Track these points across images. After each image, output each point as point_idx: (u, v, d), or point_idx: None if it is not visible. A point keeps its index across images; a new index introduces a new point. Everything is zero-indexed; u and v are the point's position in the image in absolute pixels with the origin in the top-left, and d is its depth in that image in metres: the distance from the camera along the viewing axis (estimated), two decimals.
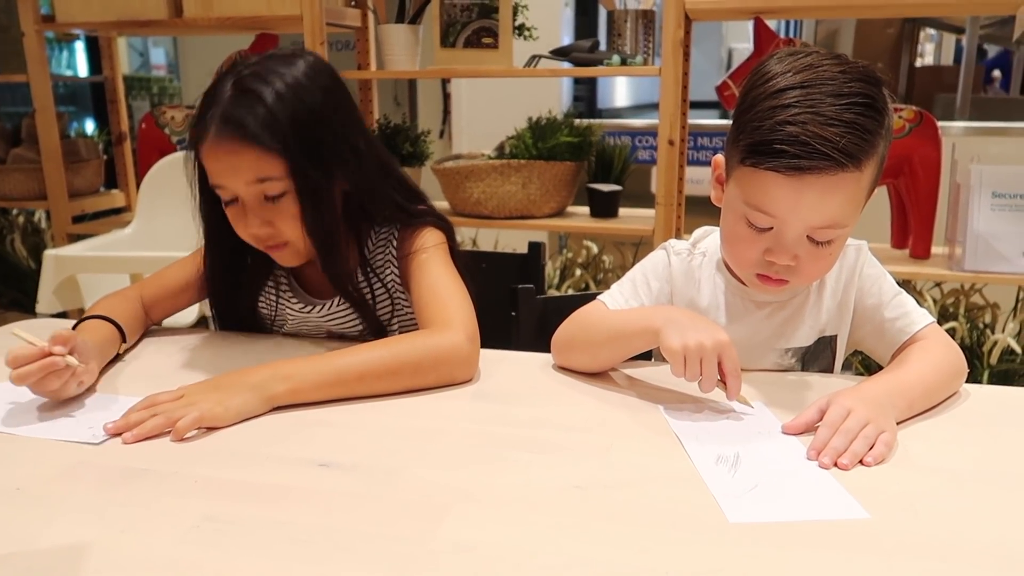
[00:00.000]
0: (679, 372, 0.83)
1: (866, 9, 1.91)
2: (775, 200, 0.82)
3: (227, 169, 0.94)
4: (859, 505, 0.65)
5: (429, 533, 0.62)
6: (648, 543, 0.60)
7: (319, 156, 0.95)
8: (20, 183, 2.52)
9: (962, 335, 1.85)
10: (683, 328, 0.83)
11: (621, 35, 1.95)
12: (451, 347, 0.93)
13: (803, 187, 0.80)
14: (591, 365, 0.96)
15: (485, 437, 0.79)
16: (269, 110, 0.92)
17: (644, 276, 1.00)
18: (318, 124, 0.95)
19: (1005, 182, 1.65)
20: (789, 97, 0.80)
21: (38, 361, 0.82)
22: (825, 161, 0.78)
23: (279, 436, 0.80)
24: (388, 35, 2.03)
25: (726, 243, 0.93)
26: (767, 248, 0.86)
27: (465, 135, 3.33)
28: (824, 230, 0.84)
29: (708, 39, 4.65)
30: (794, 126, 0.78)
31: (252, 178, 0.93)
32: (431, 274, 1.02)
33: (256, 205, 0.96)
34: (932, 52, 4.72)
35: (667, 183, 1.84)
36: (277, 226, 0.97)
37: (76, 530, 0.62)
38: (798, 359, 0.98)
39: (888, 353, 0.95)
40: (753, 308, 0.97)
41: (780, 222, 0.84)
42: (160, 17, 2.13)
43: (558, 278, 2.45)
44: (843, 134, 0.78)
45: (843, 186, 0.81)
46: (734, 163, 0.86)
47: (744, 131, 0.83)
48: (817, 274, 0.91)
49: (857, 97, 0.79)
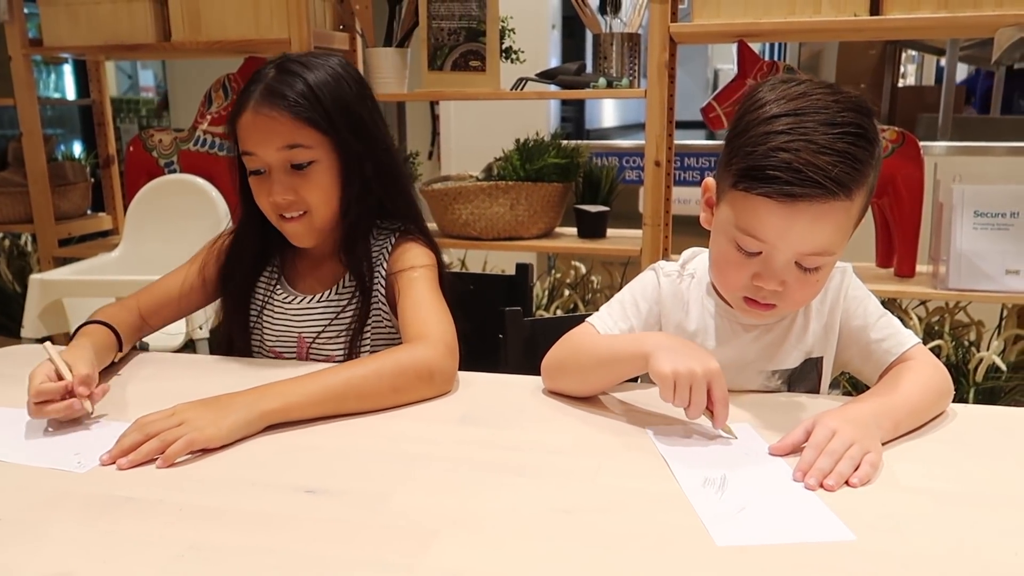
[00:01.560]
0: (668, 397, 0.83)
1: (848, 32, 1.94)
2: (766, 226, 0.83)
3: (261, 134, 1.00)
4: (845, 526, 0.66)
5: (416, 559, 0.61)
6: (636, 567, 0.60)
7: (355, 132, 1.04)
8: (6, 206, 2.51)
9: (947, 353, 1.86)
10: (674, 354, 0.83)
11: (607, 58, 1.97)
12: (431, 360, 0.95)
13: (794, 214, 0.81)
14: (581, 390, 0.96)
15: (472, 461, 0.79)
16: (309, 86, 1.01)
17: (633, 298, 1.01)
18: (353, 107, 1.04)
19: (987, 201, 1.67)
20: (782, 124, 0.81)
21: (61, 403, 0.86)
22: (817, 189, 0.79)
23: (265, 462, 0.79)
24: (376, 58, 2.05)
25: (715, 266, 0.93)
26: (755, 273, 0.87)
27: (453, 157, 3.34)
28: (812, 257, 0.85)
29: (694, 60, 4.70)
30: (787, 153, 0.79)
31: (283, 143, 1.00)
32: (418, 291, 1.05)
33: (283, 173, 1.02)
34: (914, 73, 4.79)
35: (654, 203, 1.86)
36: (301, 194, 1.03)
37: (59, 560, 0.62)
38: (784, 381, 0.99)
39: (875, 374, 0.96)
40: (741, 331, 0.98)
41: (769, 247, 0.85)
42: (148, 41, 2.14)
43: (546, 299, 2.45)
44: (835, 163, 0.79)
45: (833, 214, 0.82)
46: (726, 187, 0.87)
47: (737, 155, 0.84)
48: (804, 300, 0.91)
49: (849, 127, 0.80)
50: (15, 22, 2.25)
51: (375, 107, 1.10)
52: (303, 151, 1.01)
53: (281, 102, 1.00)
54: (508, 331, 1.19)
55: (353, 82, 1.06)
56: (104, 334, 1.04)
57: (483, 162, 2.18)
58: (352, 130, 1.04)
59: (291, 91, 1.00)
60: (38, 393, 0.86)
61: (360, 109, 1.05)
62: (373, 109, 1.09)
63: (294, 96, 1.00)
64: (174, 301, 1.16)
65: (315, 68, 1.03)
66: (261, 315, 1.16)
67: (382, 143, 1.09)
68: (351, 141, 1.03)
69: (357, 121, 1.04)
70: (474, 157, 2.56)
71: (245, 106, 1.02)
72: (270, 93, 1.00)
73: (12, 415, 0.91)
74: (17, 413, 0.91)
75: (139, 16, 2.13)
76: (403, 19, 2.06)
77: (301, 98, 1.00)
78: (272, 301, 1.15)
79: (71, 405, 0.86)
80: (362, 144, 1.05)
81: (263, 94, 1.01)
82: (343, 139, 1.03)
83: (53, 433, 0.86)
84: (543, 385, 0.99)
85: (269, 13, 2.05)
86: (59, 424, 0.87)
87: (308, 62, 1.03)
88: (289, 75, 1.02)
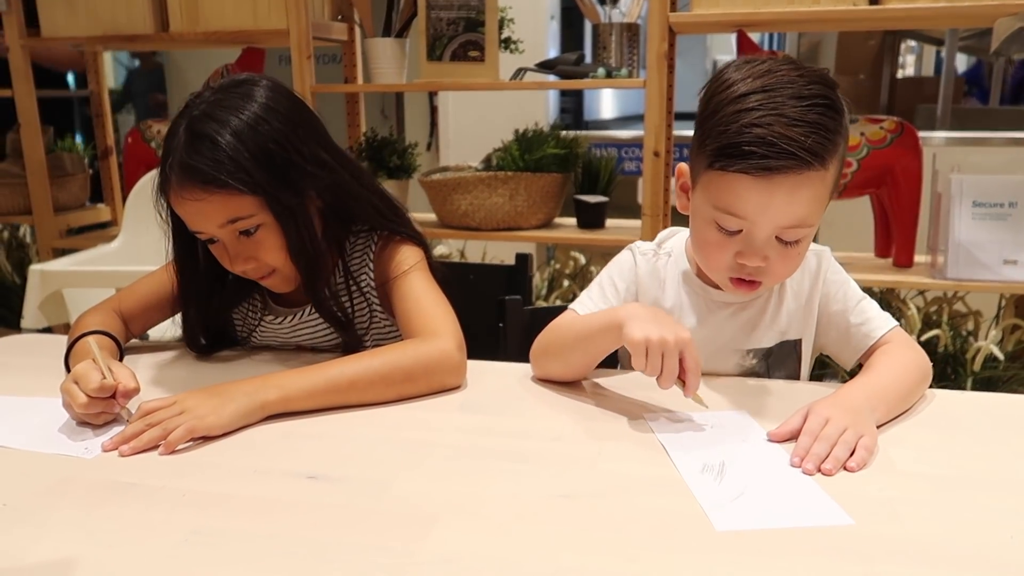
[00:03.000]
0: (640, 365, 0.83)
1: (847, 22, 1.94)
2: (745, 202, 0.84)
3: (197, 216, 0.94)
4: (843, 511, 0.66)
5: (417, 545, 0.62)
6: (636, 552, 0.61)
7: (286, 180, 0.95)
8: (5, 198, 2.51)
9: (945, 343, 1.87)
10: (646, 323, 0.84)
11: (606, 48, 1.97)
12: (441, 355, 0.94)
13: (772, 187, 0.82)
14: (565, 371, 0.97)
15: (472, 448, 0.80)
16: (225, 151, 0.91)
17: (611, 278, 1.02)
18: (279, 151, 0.94)
19: (985, 191, 1.67)
20: (752, 101, 0.82)
21: (104, 414, 0.85)
22: (792, 161, 0.81)
23: (267, 449, 0.80)
24: (375, 49, 2.05)
25: (698, 249, 0.94)
26: (738, 251, 0.88)
27: (452, 147, 3.34)
28: (792, 229, 0.86)
29: (693, 51, 4.69)
30: (760, 128, 0.81)
31: (223, 220, 0.94)
32: (416, 288, 1.03)
33: (234, 242, 0.97)
34: (913, 63, 4.78)
35: (653, 194, 1.86)
36: (260, 258, 0.98)
37: (64, 546, 0.62)
38: (760, 360, 1.00)
39: (853, 358, 0.98)
40: (715, 308, 0.99)
41: (750, 224, 0.86)
42: (146, 31, 2.13)
43: (546, 289, 2.46)
44: (808, 134, 0.80)
45: (809, 184, 0.83)
46: (700, 169, 0.88)
47: (710, 136, 0.85)
48: (786, 273, 0.92)
49: (817, 99, 0.82)
50: (13, 12, 2.25)
51: (311, 129, 1.00)
52: (246, 220, 0.94)
53: (201, 179, 0.90)
54: (508, 320, 1.19)
55: (276, 118, 0.94)
56: (112, 347, 1.01)
57: (481, 153, 2.18)
58: (281, 180, 0.94)
59: (207, 163, 0.90)
60: (87, 405, 0.83)
61: (289, 148, 0.95)
62: (307, 136, 0.98)
63: (211, 170, 0.90)
64: (151, 310, 1.11)
65: (227, 118, 0.92)
66: (251, 337, 1.13)
67: (327, 167, 0.99)
68: (283, 193, 0.94)
69: (285, 166, 0.94)
70: (472, 147, 2.56)
71: (168, 181, 0.93)
72: (187, 172, 0.91)
73: (17, 403, 0.92)
74: (22, 401, 0.92)
75: (137, 6, 2.12)
76: (402, 9, 2.05)
77: (220, 171, 0.90)
78: (262, 325, 1.12)
79: (112, 406, 0.85)
80: (299, 188, 0.96)
81: (181, 174, 0.91)
82: (273, 196, 0.93)
83: (59, 421, 0.86)
84: (529, 374, 1.00)
85: (267, 3, 2.04)
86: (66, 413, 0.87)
87: (219, 115, 0.92)
88: (202, 141, 0.91)
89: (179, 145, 0.92)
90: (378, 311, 1.10)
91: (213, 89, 0.97)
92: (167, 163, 0.94)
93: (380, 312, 1.10)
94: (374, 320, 1.10)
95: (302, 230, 0.97)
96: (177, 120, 0.95)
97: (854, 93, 3.73)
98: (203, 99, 0.95)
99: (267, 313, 1.12)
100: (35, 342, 1.23)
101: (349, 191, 1.03)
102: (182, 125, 0.94)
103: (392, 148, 2.19)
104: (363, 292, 1.08)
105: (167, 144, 0.94)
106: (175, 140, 0.93)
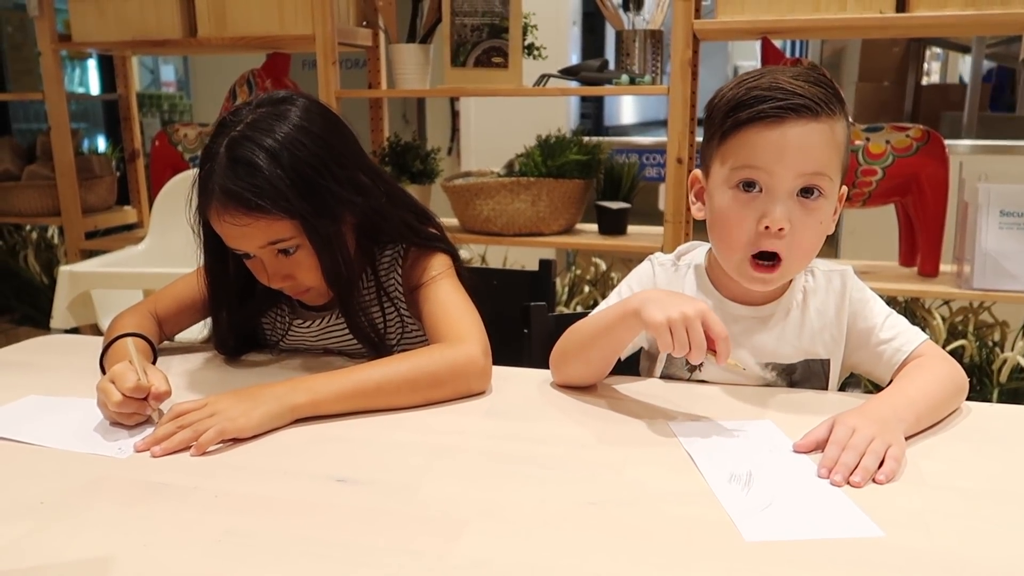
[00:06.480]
0: (667, 344, 0.83)
1: (874, 29, 1.93)
2: (762, 151, 0.87)
3: (239, 237, 0.96)
4: (873, 523, 0.66)
5: (447, 549, 0.62)
6: (665, 560, 0.61)
7: (323, 207, 0.96)
8: (34, 199, 2.55)
9: (971, 353, 1.85)
10: (662, 303, 0.85)
11: (629, 54, 1.97)
12: (467, 359, 0.95)
13: (784, 132, 0.86)
14: (586, 371, 0.97)
15: (500, 453, 0.80)
16: (267, 178, 0.92)
17: (629, 287, 1.03)
18: (317, 175, 0.95)
19: (1013, 200, 1.66)
20: (751, 79, 0.89)
21: (136, 415, 0.86)
22: (800, 104, 0.86)
23: (297, 451, 0.81)
24: (399, 54, 2.06)
25: (719, 234, 0.94)
26: (760, 216, 0.88)
27: (473, 153, 3.35)
28: (812, 177, 0.87)
29: (714, 56, 4.67)
30: (764, 86, 0.87)
31: (263, 242, 0.96)
32: (442, 294, 1.04)
33: (272, 260, 0.99)
34: (938, 70, 4.74)
35: (675, 200, 1.86)
36: (297, 277, 1.00)
37: (100, 543, 0.63)
38: (781, 375, 0.99)
39: (888, 374, 0.96)
40: (734, 321, 0.98)
41: (767, 175, 0.87)
42: (175, 36, 2.17)
43: (566, 295, 2.46)
44: (811, 88, 0.87)
45: (820, 132, 0.87)
46: (713, 151, 0.92)
47: (717, 118, 0.91)
48: (808, 245, 0.91)
49: (812, 74, 0.89)
50: (44, 17, 2.29)
51: (347, 150, 1.01)
52: (283, 242, 0.96)
53: (245, 204, 0.92)
54: (533, 326, 1.20)
55: (313, 139, 0.96)
56: (147, 349, 1.03)
57: (502, 158, 2.18)
58: (319, 207, 0.95)
59: (250, 189, 0.91)
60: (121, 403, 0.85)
61: (325, 174, 0.96)
62: (343, 158, 0.99)
63: (254, 197, 0.91)
64: (184, 312, 1.13)
65: (266, 142, 0.93)
66: (280, 343, 1.15)
67: (363, 190, 1.00)
68: (319, 221, 0.96)
69: (322, 193, 0.96)
70: (493, 153, 2.57)
71: (210, 202, 0.95)
72: (230, 196, 0.92)
73: (52, 403, 0.93)
74: (57, 401, 0.94)
75: (166, 12, 2.15)
76: (426, 15, 2.07)
77: (262, 197, 0.91)
78: (291, 329, 1.13)
79: (144, 408, 0.86)
80: (335, 213, 0.98)
81: (224, 198, 0.93)
82: (310, 224, 0.95)
83: (93, 421, 0.87)
84: (551, 379, 1.00)
85: (293, 9, 2.07)
86: (96, 416, 0.88)
87: (259, 136, 0.93)
88: (242, 166, 0.92)
89: (220, 168, 0.93)
90: (408, 318, 1.10)
91: (251, 107, 0.98)
92: (208, 184, 0.95)
93: (410, 319, 1.11)
94: (406, 329, 1.11)
95: (336, 254, 0.99)
96: (216, 139, 0.96)
97: (878, 100, 3.70)
98: (240, 118, 0.96)
99: (295, 317, 1.13)
100: (65, 343, 1.25)
101: (383, 213, 1.04)
102: (222, 145, 0.94)
103: (415, 153, 2.20)
104: (392, 300, 1.09)
105: (206, 163, 0.96)
106: (215, 162, 0.94)
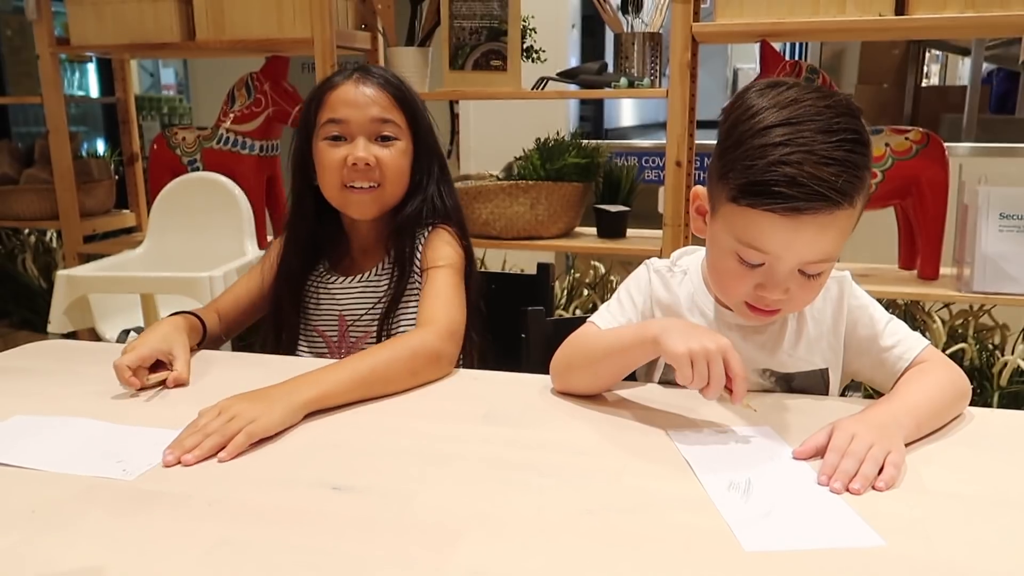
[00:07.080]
0: (686, 377, 0.82)
1: (873, 32, 1.93)
2: (771, 239, 0.83)
3: (358, 104, 1.12)
4: (874, 532, 0.65)
5: (443, 558, 0.62)
6: (662, 570, 0.60)
7: (427, 131, 1.19)
8: (32, 203, 2.55)
9: (971, 356, 1.84)
10: (684, 334, 0.84)
11: (628, 57, 1.97)
12: (429, 343, 1.01)
13: (799, 226, 0.81)
14: (592, 385, 0.97)
15: (496, 460, 0.80)
16: (398, 81, 1.16)
17: (628, 293, 1.03)
18: (425, 113, 1.19)
19: (1013, 203, 1.65)
20: (778, 135, 0.80)
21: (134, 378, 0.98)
22: (822, 202, 0.79)
23: (292, 458, 0.80)
24: (398, 57, 2.06)
25: (715, 277, 0.93)
26: (759, 283, 0.87)
27: (472, 156, 3.35)
28: (817, 264, 0.85)
29: (713, 59, 4.67)
30: (789, 167, 0.79)
31: (377, 115, 1.12)
32: (436, 283, 1.11)
33: (367, 140, 1.13)
34: (937, 73, 4.74)
35: (675, 204, 1.85)
36: (381, 163, 1.13)
37: (93, 553, 0.63)
38: (779, 383, 0.99)
39: (890, 381, 0.96)
40: (729, 329, 0.97)
41: (773, 258, 0.85)
42: (174, 40, 2.16)
43: (565, 298, 2.45)
44: (838, 174, 0.79)
45: (837, 223, 0.82)
46: (722, 199, 0.86)
47: (733, 169, 0.83)
48: (806, 302, 0.92)
49: (845, 133, 0.80)
50: (43, 21, 2.28)
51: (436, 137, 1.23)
52: (392, 127, 1.13)
53: (380, 82, 1.14)
54: (530, 331, 1.19)
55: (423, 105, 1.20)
56: (196, 326, 1.13)
57: (501, 161, 2.18)
58: (426, 129, 1.18)
59: (385, 79, 1.15)
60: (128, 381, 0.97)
61: (429, 125, 1.20)
62: (435, 136, 1.22)
63: (389, 83, 1.15)
64: (243, 312, 1.23)
65: (389, 73, 1.18)
66: (311, 299, 1.22)
67: (439, 150, 1.22)
68: (426, 136, 1.17)
69: (428, 125, 1.19)
70: (492, 156, 2.56)
71: (337, 83, 1.13)
72: (368, 74, 1.14)
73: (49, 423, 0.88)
74: (56, 420, 0.89)
75: (164, 15, 2.15)
76: (425, 18, 2.06)
77: (395, 88, 1.15)
78: (320, 284, 1.22)
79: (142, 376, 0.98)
80: (430, 142, 1.19)
81: (361, 74, 1.14)
82: (421, 132, 1.16)
83: (91, 439, 0.84)
84: (551, 386, 1.00)
85: (292, 12, 2.06)
86: (96, 428, 0.87)
87: (385, 71, 1.18)
88: (377, 71, 1.16)
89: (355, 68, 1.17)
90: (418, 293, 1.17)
91: None
92: (336, 78, 1.15)
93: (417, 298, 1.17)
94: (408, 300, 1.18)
95: (425, 172, 1.18)
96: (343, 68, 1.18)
97: (877, 102, 3.70)
98: None
99: (326, 273, 1.23)
100: (63, 347, 1.24)
101: (449, 182, 1.23)
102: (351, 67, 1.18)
103: None
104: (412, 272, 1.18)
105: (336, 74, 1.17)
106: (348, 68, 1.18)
